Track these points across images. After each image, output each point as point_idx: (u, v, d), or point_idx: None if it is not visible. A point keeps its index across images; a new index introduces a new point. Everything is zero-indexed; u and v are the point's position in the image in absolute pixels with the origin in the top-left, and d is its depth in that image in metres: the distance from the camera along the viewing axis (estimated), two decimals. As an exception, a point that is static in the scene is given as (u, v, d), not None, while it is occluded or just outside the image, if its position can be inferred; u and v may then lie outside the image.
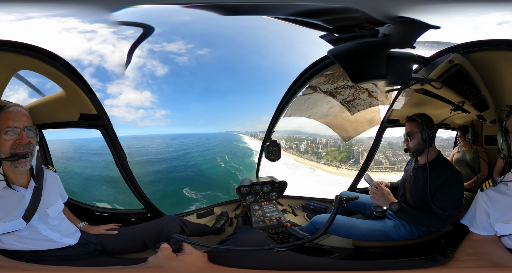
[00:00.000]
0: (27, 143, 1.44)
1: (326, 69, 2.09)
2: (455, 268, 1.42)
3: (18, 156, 1.41)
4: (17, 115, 1.44)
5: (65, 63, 1.65)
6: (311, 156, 22.17)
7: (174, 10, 1.66)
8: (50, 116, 2.00)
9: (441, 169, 1.80)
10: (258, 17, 1.65)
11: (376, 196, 1.88)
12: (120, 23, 1.66)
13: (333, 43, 1.52)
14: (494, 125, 2.32)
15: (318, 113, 3.36)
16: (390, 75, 1.42)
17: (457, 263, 1.44)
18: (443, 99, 1.95)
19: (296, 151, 23.52)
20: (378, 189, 1.88)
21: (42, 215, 1.53)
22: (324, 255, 1.95)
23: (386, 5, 1.40)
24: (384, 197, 1.85)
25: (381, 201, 1.87)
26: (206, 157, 29.52)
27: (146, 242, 1.80)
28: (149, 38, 1.88)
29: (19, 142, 1.42)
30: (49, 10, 1.58)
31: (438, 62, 1.57)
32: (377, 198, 1.88)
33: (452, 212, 1.71)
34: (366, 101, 3.02)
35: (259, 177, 2.96)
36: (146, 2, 1.63)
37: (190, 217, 2.56)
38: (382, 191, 1.86)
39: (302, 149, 23.25)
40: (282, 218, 2.38)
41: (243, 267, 1.42)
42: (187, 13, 1.60)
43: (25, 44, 1.51)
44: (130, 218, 2.35)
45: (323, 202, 2.83)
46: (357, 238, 1.95)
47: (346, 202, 1.76)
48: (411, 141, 1.88)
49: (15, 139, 1.42)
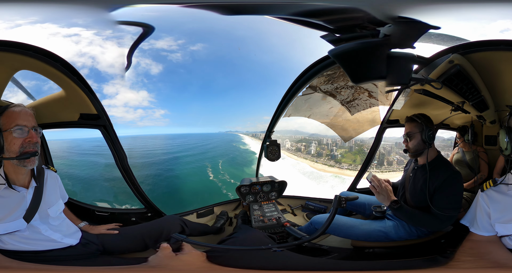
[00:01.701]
0: (36, 142, 1.46)
1: (326, 69, 2.09)
2: (456, 269, 1.41)
3: (29, 154, 1.42)
4: (25, 114, 1.46)
5: (65, 63, 1.65)
6: (327, 160, 18.90)
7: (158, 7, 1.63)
8: (50, 116, 2.00)
9: (440, 169, 1.79)
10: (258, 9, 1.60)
11: (380, 190, 1.84)
12: (119, 22, 1.66)
13: (333, 43, 1.52)
14: (494, 126, 2.32)
15: (319, 113, 3.36)
16: (390, 76, 1.42)
17: (458, 263, 1.43)
18: (443, 100, 1.95)
19: (307, 155, 20.13)
20: (381, 184, 1.84)
21: (43, 215, 1.53)
22: (323, 255, 1.95)
23: (388, 5, 1.39)
24: (387, 193, 1.82)
25: (382, 197, 1.84)
26: (196, 164, 23.62)
27: (147, 241, 1.81)
28: (134, 37, 1.87)
29: (29, 141, 1.43)
30: (45, 11, 1.57)
31: (438, 62, 1.58)
32: (380, 193, 1.84)
33: (451, 212, 1.70)
34: (366, 102, 3.02)
35: (259, 176, 2.97)
36: (145, 2, 1.62)
37: (190, 216, 2.57)
38: (386, 186, 1.84)
39: (314, 152, 19.88)
40: (281, 218, 2.38)
41: (241, 267, 1.42)
42: (170, 9, 1.57)
43: (24, 44, 1.51)
44: (130, 218, 2.36)
45: (323, 202, 2.84)
46: (356, 238, 1.94)
47: (346, 202, 1.76)
48: (410, 141, 1.87)
49: (25, 138, 1.43)
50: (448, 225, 1.78)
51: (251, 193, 2.60)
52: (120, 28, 1.68)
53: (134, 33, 1.90)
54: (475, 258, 1.44)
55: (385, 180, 1.92)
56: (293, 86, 2.38)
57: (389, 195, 1.83)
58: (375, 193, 1.87)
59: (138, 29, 1.84)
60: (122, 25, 1.70)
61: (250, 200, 2.59)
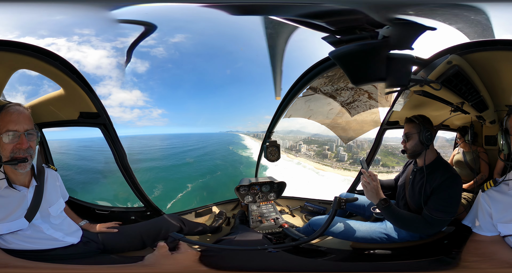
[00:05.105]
0: (27, 148, 1.42)
1: (327, 70, 2.09)
2: (469, 269, 1.40)
3: (17, 161, 1.39)
4: (18, 117, 1.41)
5: (64, 61, 1.64)
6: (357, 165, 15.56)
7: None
8: (50, 115, 2.02)
9: (438, 171, 1.74)
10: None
11: (369, 187, 1.76)
12: (120, 21, 1.66)
13: (334, 45, 1.53)
14: (493, 126, 2.31)
15: (320, 114, 3.36)
16: (390, 77, 1.42)
17: (469, 264, 1.42)
18: (442, 100, 1.94)
19: (332, 160, 16.80)
20: (372, 179, 1.77)
21: (44, 214, 1.54)
22: (321, 257, 1.92)
23: (384, 7, 1.40)
24: (376, 190, 1.75)
25: (371, 194, 1.76)
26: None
27: (145, 240, 1.82)
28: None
29: (19, 147, 1.40)
30: (47, 8, 1.57)
31: (436, 63, 1.57)
32: (369, 189, 1.76)
33: (442, 216, 1.62)
34: (366, 103, 3.02)
35: (257, 177, 2.97)
36: (148, 1, 1.63)
37: (188, 215, 2.58)
38: (376, 183, 1.77)
39: (341, 156, 16.10)
40: (279, 218, 2.38)
41: (236, 267, 1.42)
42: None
43: (23, 43, 1.50)
44: (130, 216, 2.37)
45: (322, 204, 2.83)
46: (356, 240, 1.91)
47: (345, 204, 1.75)
48: (408, 142, 1.85)
49: (15, 143, 1.40)
50: (438, 230, 1.72)
51: (250, 194, 2.60)
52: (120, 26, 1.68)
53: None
54: (483, 259, 1.43)
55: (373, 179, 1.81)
56: (293, 87, 2.39)
57: (378, 192, 1.75)
58: (364, 189, 1.80)
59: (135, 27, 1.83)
60: (121, 24, 1.70)
61: (249, 200, 2.59)
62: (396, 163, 15.87)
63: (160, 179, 17.59)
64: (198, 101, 64.19)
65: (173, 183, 16.95)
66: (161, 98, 59.53)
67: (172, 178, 18.15)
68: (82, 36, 2.03)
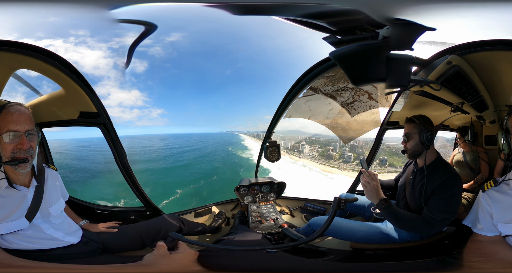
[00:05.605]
0: (28, 148, 1.42)
1: (327, 70, 2.09)
2: (473, 269, 1.39)
3: (18, 161, 1.39)
4: (19, 117, 1.40)
5: (64, 61, 1.64)
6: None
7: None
8: (50, 115, 2.02)
9: (439, 171, 1.74)
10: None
11: (368, 187, 1.75)
12: (120, 21, 1.66)
13: (334, 45, 1.53)
14: (493, 126, 2.31)
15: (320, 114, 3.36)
16: (390, 77, 1.42)
17: (471, 264, 1.41)
18: (442, 101, 1.94)
19: (338, 161, 15.29)
20: (372, 179, 1.76)
21: (45, 214, 1.54)
22: (321, 257, 1.92)
23: (384, 7, 1.40)
24: (376, 190, 1.75)
25: (371, 193, 1.75)
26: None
27: (145, 240, 1.82)
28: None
29: (20, 147, 1.40)
30: (44, 10, 1.57)
31: (436, 63, 1.58)
32: (369, 189, 1.75)
33: (442, 216, 1.62)
34: (366, 103, 3.02)
35: (257, 177, 2.97)
36: (148, 1, 1.63)
37: (188, 215, 2.58)
38: (376, 183, 1.76)
39: (347, 157, 15.14)
40: (279, 219, 2.38)
41: (234, 267, 1.41)
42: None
43: (23, 43, 1.50)
44: (129, 216, 2.37)
45: (322, 204, 2.83)
46: (356, 241, 1.91)
47: (345, 204, 1.73)
48: (408, 142, 1.84)
49: (16, 143, 1.40)
50: (438, 231, 1.71)
51: (250, 194, 2.60)
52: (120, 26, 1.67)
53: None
54: (486, 259, 1.42)
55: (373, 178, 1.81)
56: (294, 87, 2.39)
57: (378, 192, 1.74)
58: (364, 189, 1.79)
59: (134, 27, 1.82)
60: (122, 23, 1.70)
61: (249, 201, 2.59)
62: (402, 163, 15.33)
63: (148, 182, 16.54)
64: (198, 101, 64.73)
65: (162, 188, 15.88)
66: (160, 98, 60.07)
67: (161, 182, 16.93)
68: (79, 37, 2.03)
